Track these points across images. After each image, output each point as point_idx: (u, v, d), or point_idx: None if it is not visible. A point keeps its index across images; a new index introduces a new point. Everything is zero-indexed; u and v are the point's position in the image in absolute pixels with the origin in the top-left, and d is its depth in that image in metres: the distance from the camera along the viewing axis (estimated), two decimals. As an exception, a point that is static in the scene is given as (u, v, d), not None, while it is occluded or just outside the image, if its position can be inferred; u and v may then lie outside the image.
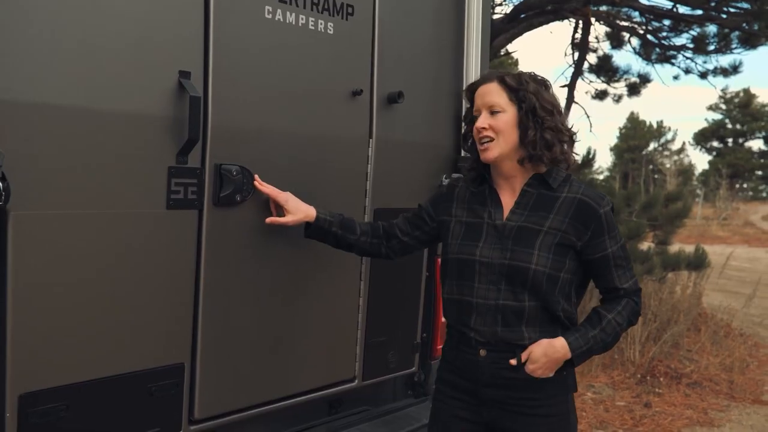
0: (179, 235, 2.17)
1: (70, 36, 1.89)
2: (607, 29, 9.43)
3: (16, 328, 1.86)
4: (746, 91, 46.47)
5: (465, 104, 2.53)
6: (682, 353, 7.01)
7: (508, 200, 2.21)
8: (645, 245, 8.10)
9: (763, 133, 47.56)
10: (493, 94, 2.17)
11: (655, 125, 48.24)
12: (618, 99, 10.29)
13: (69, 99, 1.90)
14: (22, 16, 1.81)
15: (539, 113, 2.13)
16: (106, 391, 2.05)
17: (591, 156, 8.32)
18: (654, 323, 6.98)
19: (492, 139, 2.15)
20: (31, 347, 1.89)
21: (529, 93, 2.14)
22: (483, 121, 2.17)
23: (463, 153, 3.02)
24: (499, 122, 2.15)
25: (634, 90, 10.08)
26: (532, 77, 2.20)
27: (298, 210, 2.37)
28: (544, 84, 2.22)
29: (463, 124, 2.40)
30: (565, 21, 8.56)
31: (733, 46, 8.63)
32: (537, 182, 2.19)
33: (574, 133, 2.22)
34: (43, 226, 1.89)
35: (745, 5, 7.84)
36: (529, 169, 2.20)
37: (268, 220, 2.36)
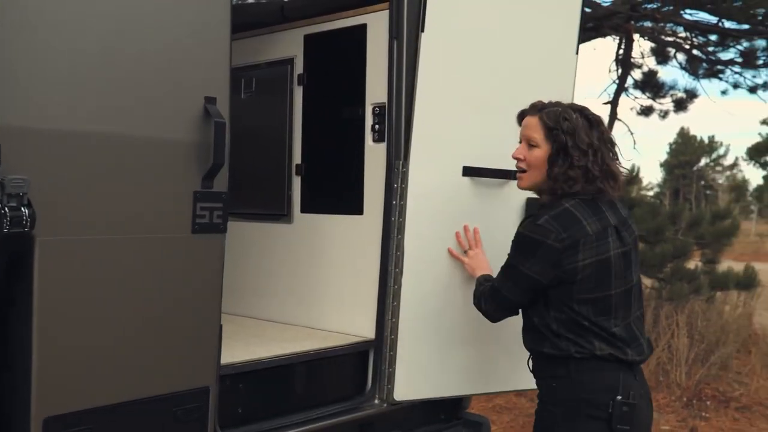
0: (204, 259, 2.19)
1: (95, 63, 1.92)
2: (652, 45, 9.28)
3: (41, 352, 1.88)
4: (802, 104, 45.01)
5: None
6: (731, 376, 6.78)
7: None
8: (692, 264, 7.90)
9: (821, 147, 45.91)
10: (533, 128, 2.28)
11: (706, 140, 47.15)
12: (664, 115, 10.12)
13: (94, 125, 1.93)
14: (45, 43, 1.84)
15: (570, 152, 2.20)
16: (132, 415, 2.07)
17: (635, 173, 8.16)
18: (701, 344, 6.78)
19: (524, 171, 2.31)
20: (56, 371, 1.92)
21: (562, 133, 2.21)
22: (519, 152, 2.32)
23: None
24: (532, 156, 2.27)
25: (680, 105, 9.90)
26: (575, 115, 2.23)
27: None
28: (588, 121, 2.24)
29: None
30: (608, 37, 8.45)
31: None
32: None
33: (621, 171, 2.29)
34: (69, 252, 1.91)
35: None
36: (545, 199, 2.33)
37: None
